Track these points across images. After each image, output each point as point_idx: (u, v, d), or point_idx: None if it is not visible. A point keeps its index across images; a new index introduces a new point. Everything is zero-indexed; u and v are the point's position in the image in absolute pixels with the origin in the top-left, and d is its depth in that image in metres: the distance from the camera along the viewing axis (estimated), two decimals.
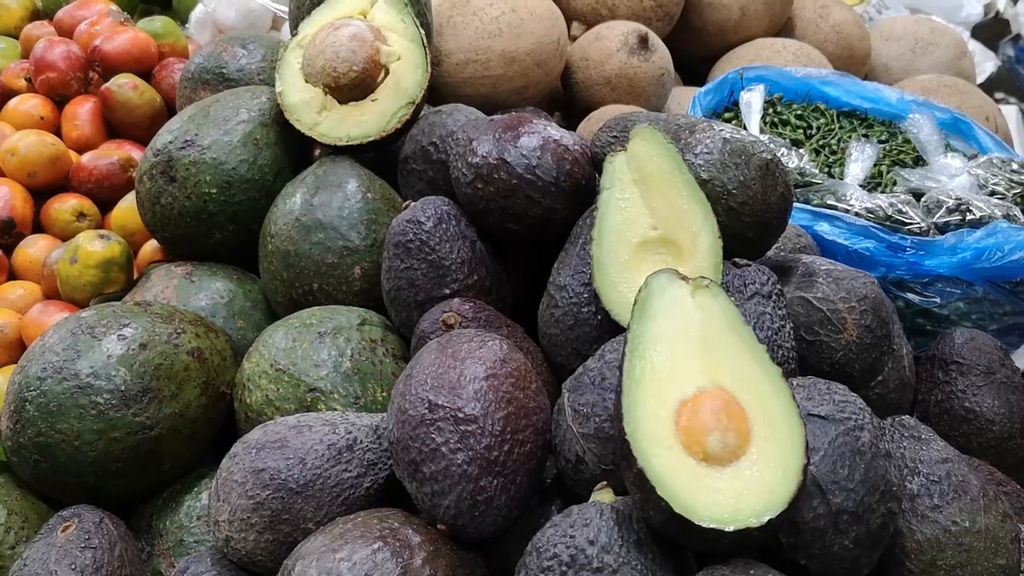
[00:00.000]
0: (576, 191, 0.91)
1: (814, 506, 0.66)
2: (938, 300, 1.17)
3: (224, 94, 1.16)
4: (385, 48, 1.10)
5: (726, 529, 0.58)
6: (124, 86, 1.47)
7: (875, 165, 1.35)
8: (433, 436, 0.69)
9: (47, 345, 0.88)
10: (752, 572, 0.61)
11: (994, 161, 1.34)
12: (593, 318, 0.85)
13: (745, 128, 1.40)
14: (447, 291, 0.91)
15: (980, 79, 2.07)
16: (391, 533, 0.68)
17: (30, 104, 1.51)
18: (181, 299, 1.06)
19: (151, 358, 0.89)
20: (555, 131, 0.93)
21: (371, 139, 1.08)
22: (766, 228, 0.88)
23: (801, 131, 1.43)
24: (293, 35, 1.17)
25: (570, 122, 1.59)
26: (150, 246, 1.30)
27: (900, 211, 1.23)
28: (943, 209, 1.24)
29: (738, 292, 0.81)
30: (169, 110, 1.52)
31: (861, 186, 1.30)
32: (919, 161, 1.39)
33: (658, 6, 1.65)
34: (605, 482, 0.70)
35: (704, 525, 0.59)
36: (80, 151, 1.47)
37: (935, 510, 0.73)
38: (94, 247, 1.15)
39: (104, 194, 1.41)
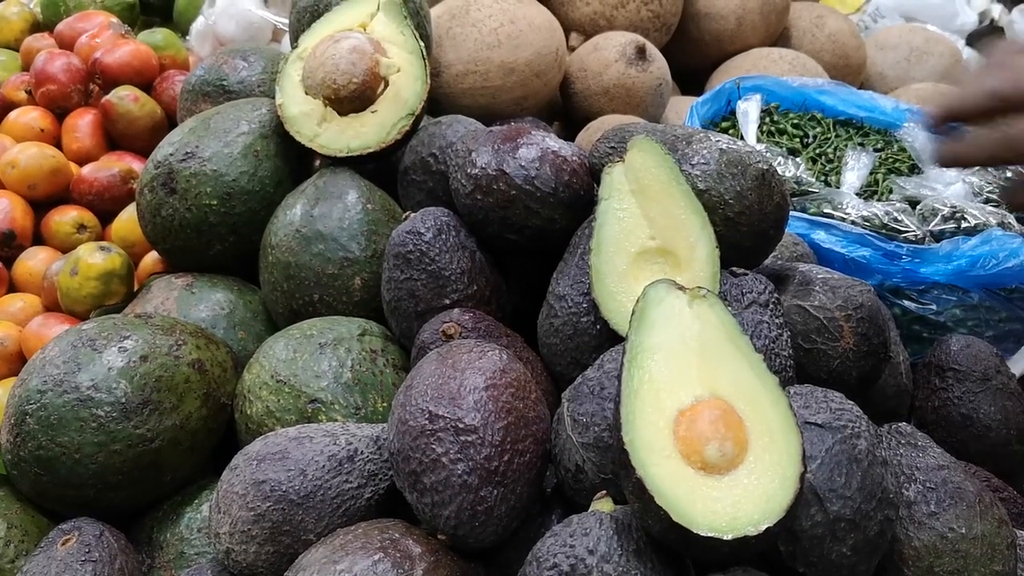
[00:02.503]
0: (575, 201, 0.91)
1: (812, 514, 0.67)
2: (934, 307, 1.18)
3: (225, 106, 1.17)
4: (385, 60, 1.11)
5: (724, 538, 0.59)
6: (125, 98, 1.48)
7: (871, 173, 1.36)
8: (433, 447, 0.70)
9: (47, 358, 0.89)
10: None
11: (989, 169, 1.35)
12: (592, 328, 0.85)
13: (742, 137, 1.41)
14: (447, 301, 0.92)
15: None
16: (392, 544, 0.68)
17: (30, 116, 1.51)
18: (182, 311, 1.06)
19: (152, 370, 0.89)
20: (553, 142, 0.93)
21: (371, 150, 1.08)
22: (763, 237, 0.88)
23: (798, 140, 1.44)
24: (293, 47, 1.18)
25: (569, 132, 1.60)
26: (150, 258, 1.30)
27: (896, 219, 1.24)
28: (938, 217, 1.25)
29: (735, 301, 0.82)
30: (170, 122, 1.52)
31: (857, 194, 1.31)
32: (915, 169, 1.40)
33: (655, 17, 1.66)
34: (605, 491, 0.70)
35: (702, 534, 0.59)
36: (80, 163, 1.48)
37: (932, 517, 0.73)
38: (94, 259, 1.15)
39: (104, 206, 1.41)
